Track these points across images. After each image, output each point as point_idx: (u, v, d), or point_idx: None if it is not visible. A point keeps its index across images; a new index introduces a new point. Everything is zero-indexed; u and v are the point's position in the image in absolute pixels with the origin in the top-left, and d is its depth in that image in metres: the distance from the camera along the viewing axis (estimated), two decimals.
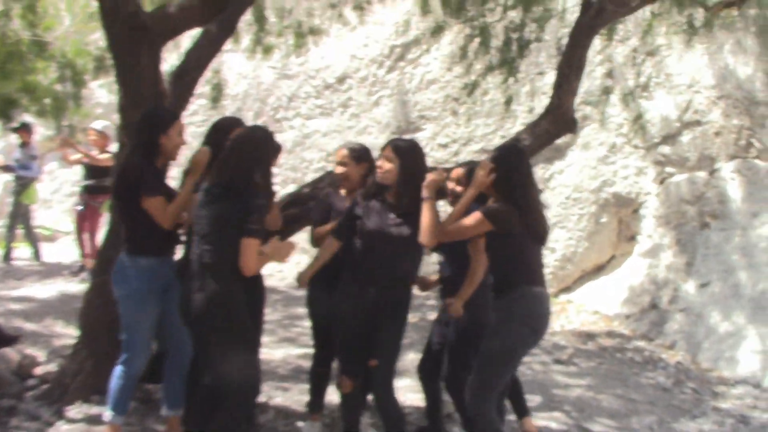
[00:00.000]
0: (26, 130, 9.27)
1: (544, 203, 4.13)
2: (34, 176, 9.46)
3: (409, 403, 4.96)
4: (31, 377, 4.92)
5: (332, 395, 4.59)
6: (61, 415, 4.38)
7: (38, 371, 5.03)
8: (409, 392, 5.10)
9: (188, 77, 4.71)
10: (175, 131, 3.95)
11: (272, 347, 6.34)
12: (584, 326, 8.13)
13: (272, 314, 7.22)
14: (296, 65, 10.62)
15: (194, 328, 3.59)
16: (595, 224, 8.95)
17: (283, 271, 9.33)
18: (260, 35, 7.53)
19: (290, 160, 10.31)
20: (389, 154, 3.98)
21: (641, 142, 8.71)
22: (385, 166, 3.98)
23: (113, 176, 4.75)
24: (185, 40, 6.12)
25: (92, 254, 8.06)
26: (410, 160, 3.98)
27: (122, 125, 4.64)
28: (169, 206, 3.86)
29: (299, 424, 4.62)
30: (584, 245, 8.96)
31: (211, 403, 3.60)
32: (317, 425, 4.54)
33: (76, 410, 4.42)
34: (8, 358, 5.01)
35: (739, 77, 8.41)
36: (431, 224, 3.78)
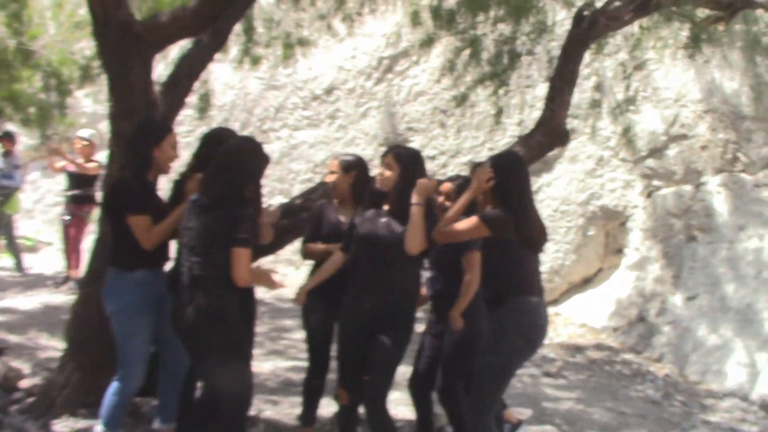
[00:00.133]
0: (9, 139, 9.20)
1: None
2: (17, 186, 9.32)
3: (401, 416, 4.91)
4: (16, 390, 4.81)
5: (324, 408, 4.54)
6: (47, 428, 4.28)
7: (24, 384, 4.92)
8: (400, 405, 5.04)
9: (180, 87, 4.69)
10: (168, 144, 3.89)
11: (261, 360, 6.27)
12: (572, 339, 8.13)
13: (259, 326, 7.06)
14: (284, 76, 10.59)
15: (186, 341, 3.55)
16: (582, 237, 8.97)
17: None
18: (248, 45, 7.46)
19: (277, 171, 10.28)
20: (390, 161, 3.96)
21: (629, 155, 8.75)
22: (385, 173, 3.96)
23: (104, 190, 4.68)
24: (173, 49, 6.08)
25: (78, 264, 7.97)
26: (410, 167, 3.95)
27: (112, 134, 4.58)
28: (154, 228, 3.77)
29: None
30: (572, 258, 8.98)
31: (204, 415, 3.55)
32: None
33: (62, 424, 4.32)
34: None
35: (725, 92, 8.49)
36: (418, 230, 3.74)
